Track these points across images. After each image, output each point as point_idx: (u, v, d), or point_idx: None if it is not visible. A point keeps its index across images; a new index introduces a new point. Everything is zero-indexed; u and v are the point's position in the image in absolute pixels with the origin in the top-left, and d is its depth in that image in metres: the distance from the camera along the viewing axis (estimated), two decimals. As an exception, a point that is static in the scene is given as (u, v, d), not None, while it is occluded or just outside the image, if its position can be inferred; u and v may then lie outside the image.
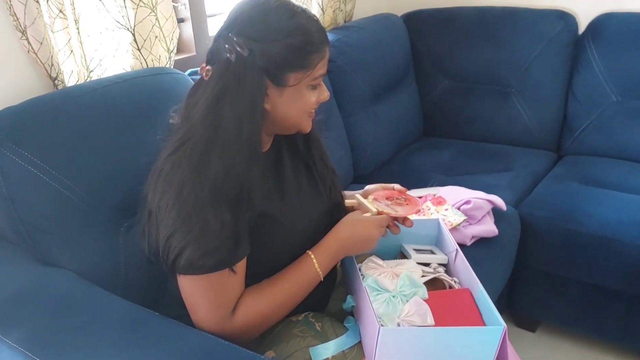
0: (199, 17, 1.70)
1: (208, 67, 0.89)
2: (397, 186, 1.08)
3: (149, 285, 1.15)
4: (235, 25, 0.87)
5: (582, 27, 2.05)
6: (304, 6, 0.91)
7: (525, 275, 1.71)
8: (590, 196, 1.66)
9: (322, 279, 0.97)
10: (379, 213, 1.01)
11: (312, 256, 0.95)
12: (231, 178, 0.85)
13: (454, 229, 1.38)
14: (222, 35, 0.88)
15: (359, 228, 0.97)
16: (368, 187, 1.11)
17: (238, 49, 0.85)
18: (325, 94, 0.95)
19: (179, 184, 0.84)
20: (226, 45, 0.86)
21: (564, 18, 2.02)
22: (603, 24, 1.97)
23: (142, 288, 1.14)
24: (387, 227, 1.03)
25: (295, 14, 0.87)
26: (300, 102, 0.91)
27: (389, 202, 1.05)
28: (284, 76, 0.88)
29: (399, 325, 0.91)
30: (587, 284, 1.61)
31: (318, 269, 0.95)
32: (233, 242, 0.86)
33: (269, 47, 0.85)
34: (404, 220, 1.05)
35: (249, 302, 0.90)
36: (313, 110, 0.96)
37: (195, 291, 0.88)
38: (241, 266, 0.90)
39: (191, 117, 0.88)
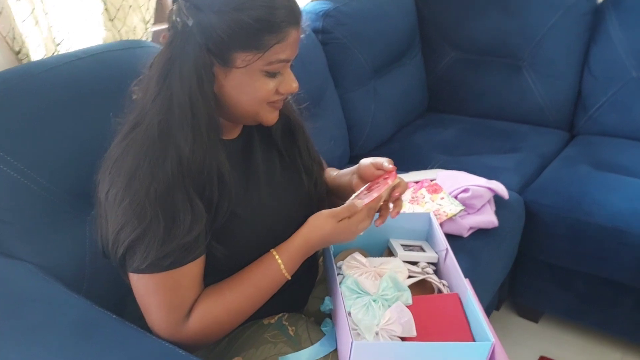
0: (185, -17, 1.58)
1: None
2: (385, 164, 0.94)
3: (117, 279, 1.07)
4: None
5: (602, -6, 1.89)
6: None
7: (529, 265, 1.62)
8: (602, 182, 1.54)
9: (290, 278, 0.87)
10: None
11: (277, 256, 0.85)
12: (189, 166, 0.76)
13: (449, 220, 1.28)
14: None
15: (330, 232, 0.85)
16: (362, 162, 0.98)
17: (183, 17, 0.75)
18: (291, 85, 0.82)
19: (128, 173, 0.75)
20: (175, 12, 0.76)
21: (583, -16, 1.86)
22: (626, -9, 1.81)
23: (109, 281, 1.05)
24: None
25: None
26: (251, 88, 0.79)
27: (367, 192, 0.93)
28: (229, 55, 0.76)
29: (377, 334, 0.83)
30: (594, 277, 1.51)
31: (284, 270, 0.85)
32: (190, 238, 0.77)
33: (211, 19, 0.74)
34: (394, 205, 0.94)
35: (206, 306, 0.81)
36: (278, 101, 0.84)
37: (147, 291, 0.79)
38: (198, 265, 0.81)
39: (145, 92, 0.79)
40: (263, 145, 0.94)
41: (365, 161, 0.97)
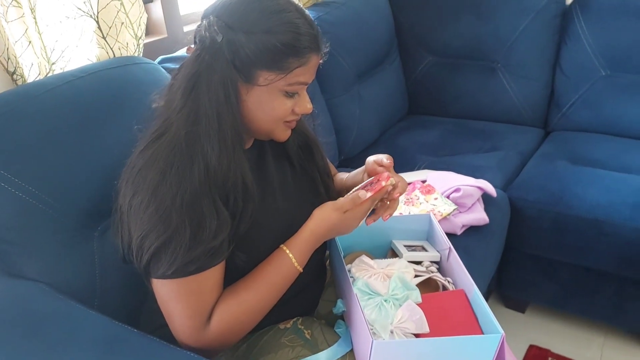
0: (169, -4, 1.59)
1: (194, 47, 0.83)
2: (384, 160, 0.99)
3: (128, 292, 1.09)
4: (219, 6, 0.81)
5: (570, -3, 1.99)
6: (301, 6, 0.82)
7: (514, 257, 1.69)
8: (580, 176, 1.63)
9: (302, 271, 0.89)
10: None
11: (288, 251, 0.88)
12: (215, 174, 0.79)
13: (444, 219, 1.34)
14: (206, 14, 0.82)
15: (336, 224, 0.89)
16: (367, 160, 1.02)
17: (213, 33, 0.78)
18: (306, 106, 0.87)
19: (154, 180, 0.77)
20: (204, 27, 0.80)
21: (552, -11, 1.95)
22: (591, -6, 1.91)
23: (120, 295, 1.08)
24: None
25: (284, 9, 0.79)
26: (269, 106, 0.83)
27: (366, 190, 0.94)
28: (253, 73, 0.80)
29: (392, 332, 0.87)
30: (577, 266, 1.59)
31: (296, 264, 0.87)
32: (216, 243, 0.79)
33: (240, 38, 0.78)
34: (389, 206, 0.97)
35: (224, 308, 0.83)
36: (293, 120, 0.88)
37: (170, 297, 0.81)
38: (220, 269, 0.84)
39: (170, 103, 0.82)
40: (274, 154, 0.98)
41: (370, 159, 1.01)
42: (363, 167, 1.04)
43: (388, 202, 0.96)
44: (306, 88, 0.87)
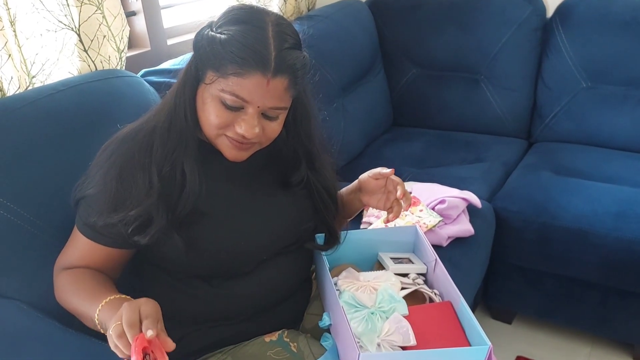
0: (151, 9, 1.59)
1: None
2: (383, 171, 1.01)
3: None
4: None
5: (550, 10, 2.01)
6: (276, 33, 0.82)
7: (500, 268, 1.69)
8: (564, 187, 1.64)
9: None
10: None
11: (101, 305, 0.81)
12: (156, 153, 0.86)
13: (429, 231, 1.34)
14: None
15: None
16: (360, 177, 1.05)
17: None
18: (244, 128, 0.83)
19: (110, 151, 0.89)
20: None
21: (532, 2, 1.98)
22: (571, 7, 1.94)
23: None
24: None
25: (249, 22, 0.82)
26: (206, 107, 0.85)
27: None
28: (204, 71, 0.84)
29: (379, 345, 0.86)
30: (562, 277, 1.60)
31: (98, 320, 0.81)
32: (116, 222, 0.85)
33: (203, 37, 0.84)
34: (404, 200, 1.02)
35: (64, 278, 0.91)
36: (233, 138, 0.85)
37: (73, 232, 0.94)
38: (108, 253, 0.91)
39: None
40: (264, 166, 0.98)
41: (364, 176, 1.04)
42: (352, 185, 1.07)
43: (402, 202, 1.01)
44: (255, 112, 0.83)
